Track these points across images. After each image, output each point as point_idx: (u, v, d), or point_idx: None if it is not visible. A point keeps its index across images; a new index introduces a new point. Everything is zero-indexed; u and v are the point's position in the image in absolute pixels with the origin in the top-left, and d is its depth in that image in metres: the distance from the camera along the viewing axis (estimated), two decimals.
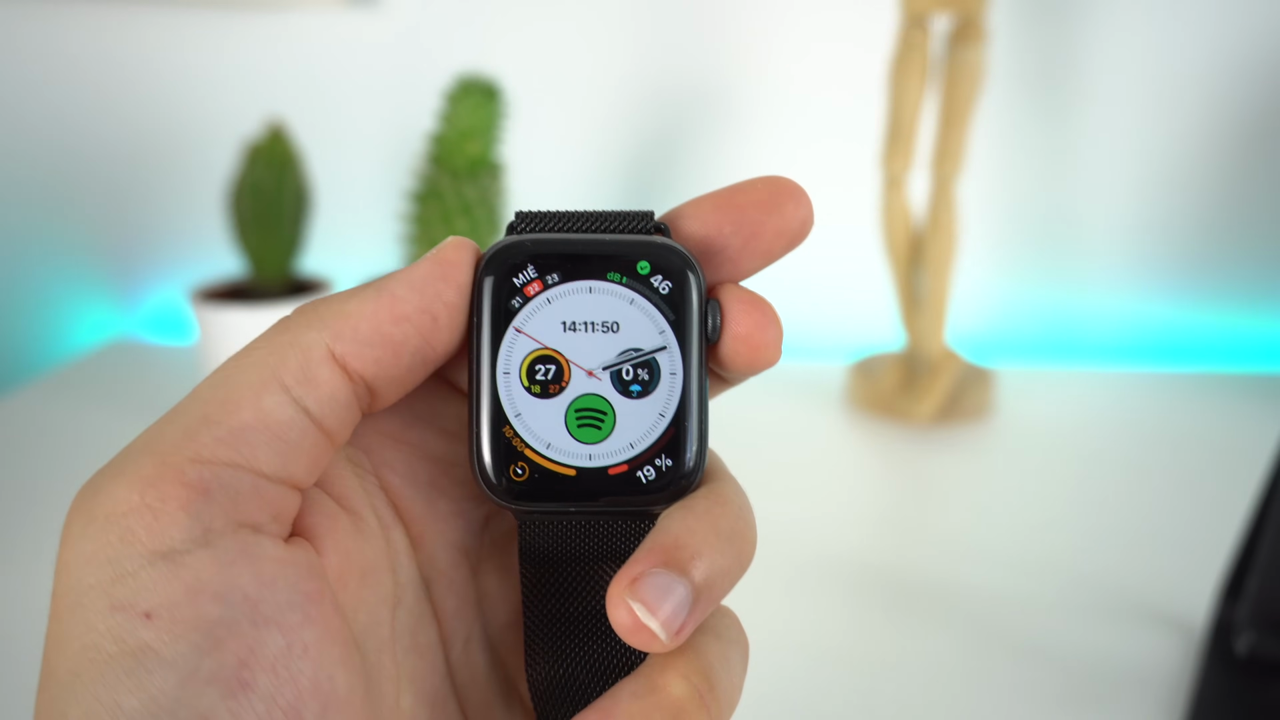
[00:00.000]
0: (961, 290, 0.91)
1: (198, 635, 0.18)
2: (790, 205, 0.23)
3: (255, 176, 0.76)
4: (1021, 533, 0.63)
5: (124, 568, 0.18)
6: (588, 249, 0.23)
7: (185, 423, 0.19)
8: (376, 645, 0.22)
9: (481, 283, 0.22)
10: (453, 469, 0.24)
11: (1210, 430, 0.80)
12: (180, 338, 1.02)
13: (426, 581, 0.24)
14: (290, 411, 0.20)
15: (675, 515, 0.21)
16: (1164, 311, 0.96)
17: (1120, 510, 0.67)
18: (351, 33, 0.95)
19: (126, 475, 0.19)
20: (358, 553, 0.22)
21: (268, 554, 0.19)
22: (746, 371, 0.23)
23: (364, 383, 0.21)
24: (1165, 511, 0.67)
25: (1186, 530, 0.64)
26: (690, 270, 0.22)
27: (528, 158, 0.92)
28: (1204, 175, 0.92)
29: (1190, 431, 0.80)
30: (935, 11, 0.76)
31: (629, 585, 0.20)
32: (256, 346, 0.21)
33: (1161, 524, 0.65)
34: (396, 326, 0.21)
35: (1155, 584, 0.57)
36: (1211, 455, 0.75)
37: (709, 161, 0.97)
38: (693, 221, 0.23)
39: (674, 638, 0.20)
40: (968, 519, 0.66)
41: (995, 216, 0.94)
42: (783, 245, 0.23)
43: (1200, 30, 0.88)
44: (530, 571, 0.23)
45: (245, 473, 0.19)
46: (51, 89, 0.98)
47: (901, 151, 0.79)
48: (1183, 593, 0.56)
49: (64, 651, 0.18)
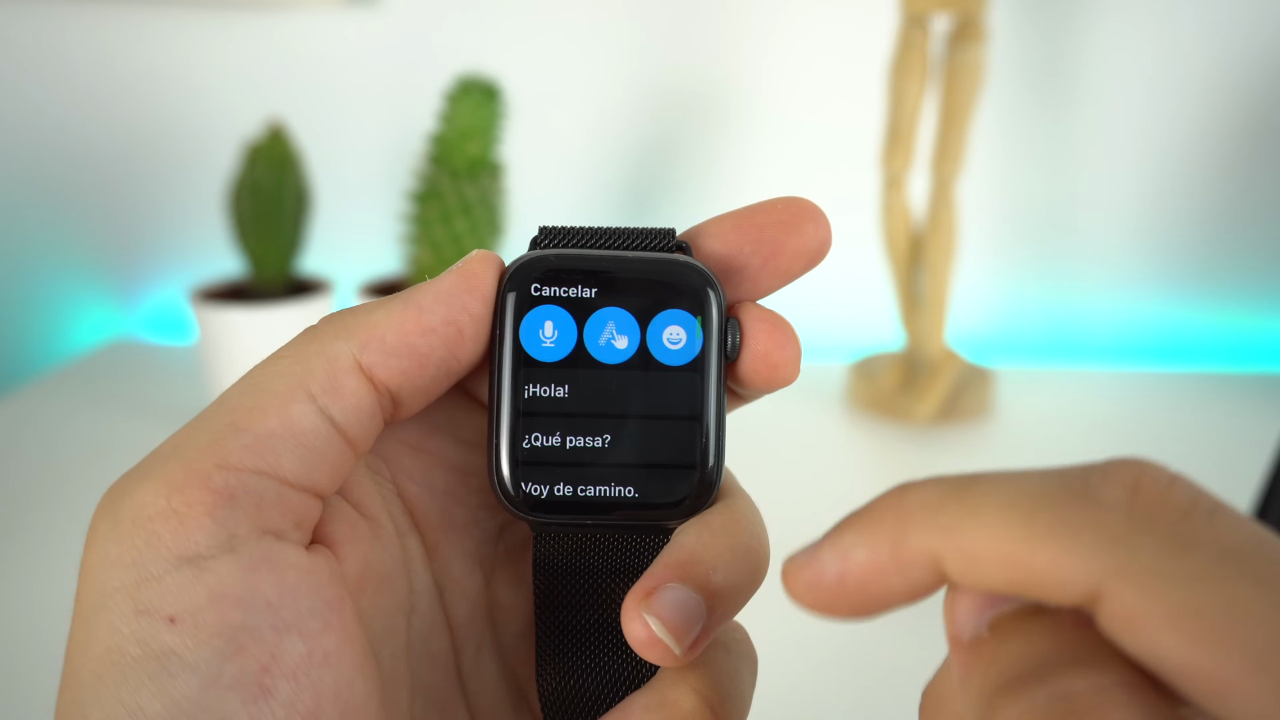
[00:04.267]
0: (961, 290, 0.91)
1: (220, 640, 0.18)
2: (810, 226, 0.23)
3: (255, 176, 0.76)
4: None
5: (149, 571, 0.18)
6: (610, 266, 0.23)
7: (212, 429, 0.20)
8: (391, 652, 0.22)
9: (504, 297, 0.22)
10: (469, 478, 0.24)
11: (1210, 430, 0.80)
12: (180, 338, 1.02)
13: (440, 589, 0.24)
14: (316, 420, 0.20)
15: (691, 530, 0.22)
16: (1164, 311, 0.96)
17: None
18: (351, 33, 0.95)
19: (153, 479, 0.19)
20: (375, 560, 0.22)
21: (290, 561, 0.19)
22: (764, 389, 0.23)
23: (388, 393, 0.21)
24: None
25: None
26: (711, 289, 0.23)
27: (528, 158, 0.92)
28: (1204, 175, 0.92)
29: (1190, 431, 0.80)
30: (935, 11, 0.76)
31: (644, 599, 0.20)
32: (283, 355, 0.21)
33: None
34: (422, 338, 0.21)
35: None
36: (1211, 455, 0.75)
37: (709, 161, 0.97)
38: (713, 240, 0.23)
39: (687, 652, 0.20)
40: None
41: (995, 216, 0.94)
42: (801, 265, 0.23)
43: (1200, 30, 0.88)
44: (544, 583, 0.23)
45: (270, 480, 0.19)
46: (51, 89, 0.98)
47: (901, 151, 0.79)
48: None
49: (87, 653, 0.18)
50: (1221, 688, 0.12)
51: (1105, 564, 0.13)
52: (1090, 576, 0.13)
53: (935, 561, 0.15)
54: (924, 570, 0.15)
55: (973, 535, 0.14)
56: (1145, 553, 0.13)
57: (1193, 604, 0.12)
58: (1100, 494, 0.14)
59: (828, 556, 0.16)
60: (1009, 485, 0.15)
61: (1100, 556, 0.13)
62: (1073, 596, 0.14)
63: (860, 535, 0.16)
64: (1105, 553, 0.13)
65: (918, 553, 0.15)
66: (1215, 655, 0.12)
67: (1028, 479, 0.15)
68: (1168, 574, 0.13)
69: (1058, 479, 0.14)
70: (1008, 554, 0.14)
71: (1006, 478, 0.15)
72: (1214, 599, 0.12)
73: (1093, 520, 0.14)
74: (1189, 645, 0.12)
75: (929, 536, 0.15)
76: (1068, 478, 0.14)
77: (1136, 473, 0.14)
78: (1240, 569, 0.12)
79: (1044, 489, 0.14)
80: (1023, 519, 0.14)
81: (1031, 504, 0.14)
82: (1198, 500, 0.14)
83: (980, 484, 0.15)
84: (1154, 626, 0.13)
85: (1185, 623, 0.12)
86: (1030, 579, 0.14)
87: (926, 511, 0.15)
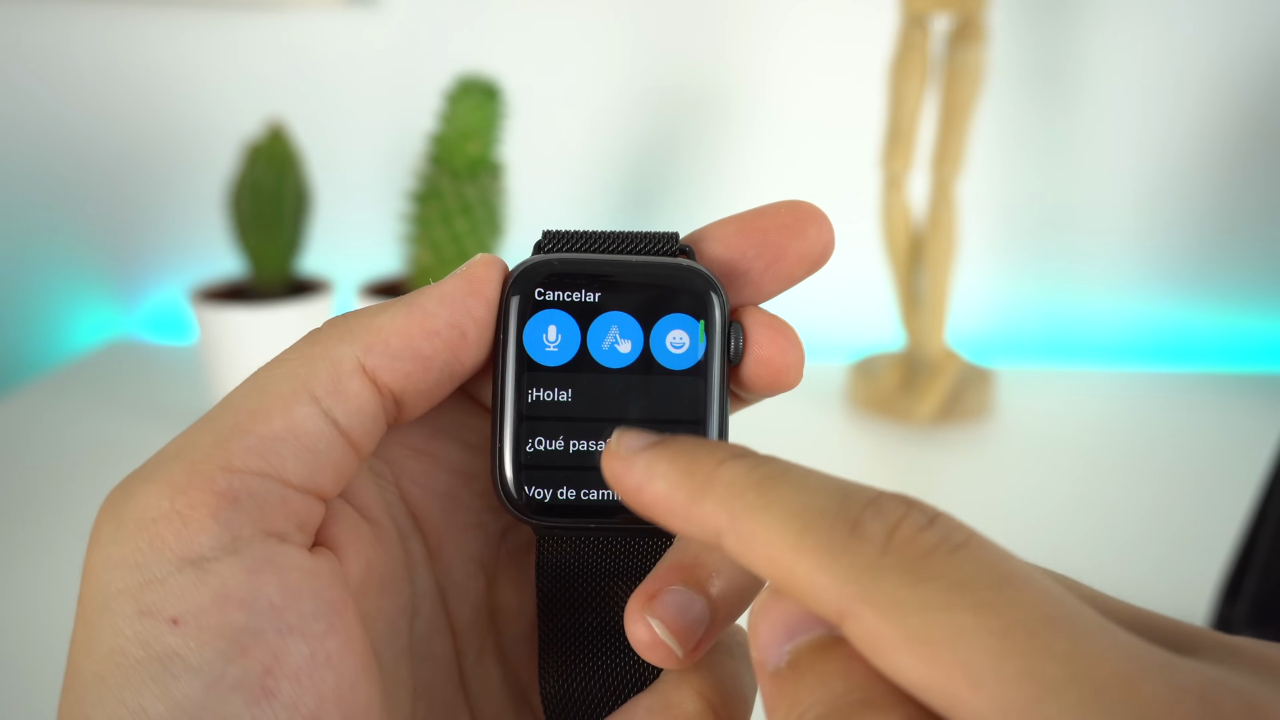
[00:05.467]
0: (961, 290, 0.91)
1: (224, 642, 0.18)
2: (813, 229, 0.23)
3: (255, 176, 0.76)
4: (1021, 532, 0.64)
5: (152, 573, 0.18)
6: (613, 270, 0.23)
7: (216, 431, 0.20)
8: (394, 655, 0.22)
9: (508, 301, 0.22)
10: (472, 481, 0.24)
11: (1210, 430, 0.80)
12: (180, 338, 1.02)
13: (442, 592, 0.24)
14: (319, 423, 0.20)
15: None
16: (1164, 311, 0.96)
17: (1120, 510, 0.67)
18: (351, 33, 0.95)
19: (157, 481, 0.19)
20: (378, 563, 0.22)
21: (293, 563, 0.19)
22: (767, 393, 0.23)
23: (392, 396, 0.21)
24: (1164, 511, 0.67)
25: (1185, 530, 0.64)
26: (714, 293, 0.23)
27: (528, 158, 0.92)
28: (1204, 175, 0.92)
29: (1190, 431, 0.80)
30: (935, 11, 0.76)
31: (647, 602, 0.20)
32: (288, 357, 0.21)
33: (1161, 523, 0.65)
34: (426, 341, 0.21)
35: (1154, 583, 0.58)
36: (1211, 455, 0.76)
37: (709, 161, 0.97)
38: (716, 244, 0.23)
39: (690, 655, 0.20)
40: (967, 519, 0.66)
41: (995, 216, 0.94)
42: (804, 269, 0.23)
43: (1200, 30, 0.88)
44: (547, 586, 0.23)
45: (273, 482, 0.20)
46: (51, 89, 0.98)
47: (901, 151, 0.79)
48: (1182, 592, 0.56)
49: (90, 655, 0.18)
50: (951, 703, 0.14)
51: (852, 590, 0.15)
52: (839, 597, 0.15)
53: (717, 533, 0.17)
54: (705, 533, 0.17)
55: (754, 532, 0.16)
56: (887, 583, 0.14)
57: (921, 629, 0.14)
58: (865, 526, 0.15)
59: (640, 466, 0.18)
60: (802, 494, 0.16)
61: (849, 582, 0.15)
62: (824, 611, 0.15)
63: (671, 470, 0.17)
64: (853, 580, 0.15)
65: (707, 518, 0.17)
66: (942, 674, 0.14)
67: (819, 493, 0.16)
68: (904, 603, 0.14)
69: (840, 502, 0.16)
70: (776, 558, 0.16)
71: (806, 484, 0.16)
72: (939, 626, 0.14)
73: (850, 549, 0.15)
74: (921, 666, 0.14)
75: (720, 514, 0.17)
76: (848, 503, 0.16)
77: (903, 511, 0.16)
78: (965, 598, 0.14)
79: (826, 507, 0.16)
80: (796, 533, 0.16)
81: (808, 520, 0.16)
82: (948, 537, 0.15)
83: (783, 484, 0.16)
84: (891, 649, 0.14)
85: (916, 646, 0.14)
86: (790, 586, 0.16)
87: (729, 490, 0.17)
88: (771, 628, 0.16)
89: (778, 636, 0.16)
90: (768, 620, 0.16)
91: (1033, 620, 0.14)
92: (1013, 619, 0.14)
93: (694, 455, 0.17)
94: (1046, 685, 0.13)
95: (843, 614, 0.15)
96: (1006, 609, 0.14)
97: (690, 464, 0.17)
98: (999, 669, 0.13)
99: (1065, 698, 0.13)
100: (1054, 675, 0.13)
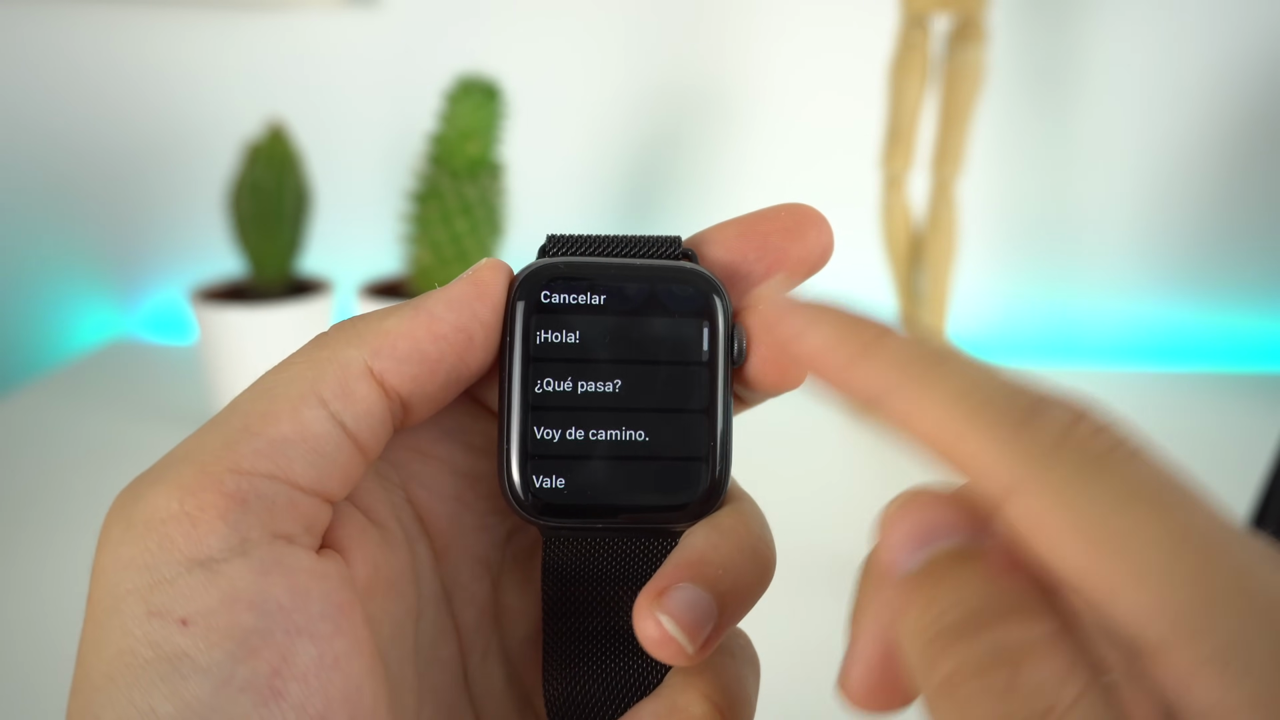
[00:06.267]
0: (961, 290, 0.91)
1: (232, 643, 0.18)
2: (813, 232, 0.23)
3: (255, 176, 0.76)
4: None
5: (162, 574, 0.18)
6: (618, 273, 0.23)
7: (225, 433, 0.20)
8: (399, 657, 0.22)
9: (514, 304, 0.23)
10: (478, 484, 0.24)
11: (1210, 430, 0.80)
12: (180, 338, 1.02)
13: (448, 594, 0.24)
14: (327, 425, 0.20)
15: (700, 532, 0.22)
16: (1163, 311, 0.96)
17: None
18: (351, 33, 0.95)
19: (166, 482, 0.19)
20: (385, 565, 0.22)
21: (301, 565, 0.19)
22: (770, 394, 0.23)
23: (399, 399, 0.21)
24: None
25: None
26: (717, 295, 0.23)
27: (528, 158, 0.92)
28: (1204, 175, 0.92)
29: (1190, 431, 0.80)
30: (935, 11, 0.76)
31: (656, 598, 0.20)
32: (296, 360, 0.21)
33: None
34: (434, 345, 0.21)
35: None
36: (1211, 455, 0.75)
37: (709, 161, 0.97)
38: (717, 247, 0.24)
39: (699, 651, 0.20)
40: None
41: (995, 216, 0.94)
42: (804, 271, 0.23)
43: (1200, 30, 0.88)
44: (552, 588, 0.24)
45: (282, 484, 0.20)
46: (51, 89, 0.98)
47: (901, 151, 0.79)
48: None
49: (99, 655, 0.18)
50: (1109, 596, 0.14)
51: (1022, 472, 0.15)
52: (1006, 477, 0.15)
53: (874, 397, 0.17)
54: (859, 394, 0.17)
55: (921, 402, 0.16)
56: (1061, 470, 0.15)
57: (1095, 519, 0.14)
58: (1038, 419, 0.15)
59: (801, 314, 0.18)
60: (970, 375, 0.16)
61: (1021, 464, 0.15)
62: (984, 487, 0.15)
63: (834, 327, 0.18)
64: (1025, 463, 0.15)
65: (866, 380, 0.17)
66: (1108, 566, 0.14)
67: (991, 383, 0.16)
68: (1076, 489, 0.14)
69: (1014, 393, 0.16)
70: (944, 430, 0.16)
71: (975, 371, 0.16)
72: (1114, 519, 0.14)
73: (1022, 436, 0.15)
74: (1087, 555, 0.14)
75: (881, 379, 0.17)
76: (1018, 397, 0.16)
77: (1080, 410, 0.16)
78: (1142, 499, 0.14)
79: (995, 395, 0.16)
80: (969, 410, 0.16)
81: (977, 401, 0.16)
82: (1124, 442, 0.15)
83: (950, 364, 0.16)
84: (1057, 533, 0.14)
85: (1087, 535, 0.14)
86: (955, 456, 0.16)
87: (894, 360, 0.17)
88: (906, 533, 0.16)
89: (912, 542, 0.16)
90: (902, 526, 0.16)
91: (1208, 530, 0.14)
92: (1189, 525, 0.14)
93: (857, 319, 0.18)
94: (1215, 593, 0.13)
95: (1010, 491, 0.15)
96: (1183, 514, 0.14)
97: (855, 325, 0.17)
98: (1170, 569, 0.14)
99: (1233, 606, 0.13)
100: (1224, 585, 0.13)
